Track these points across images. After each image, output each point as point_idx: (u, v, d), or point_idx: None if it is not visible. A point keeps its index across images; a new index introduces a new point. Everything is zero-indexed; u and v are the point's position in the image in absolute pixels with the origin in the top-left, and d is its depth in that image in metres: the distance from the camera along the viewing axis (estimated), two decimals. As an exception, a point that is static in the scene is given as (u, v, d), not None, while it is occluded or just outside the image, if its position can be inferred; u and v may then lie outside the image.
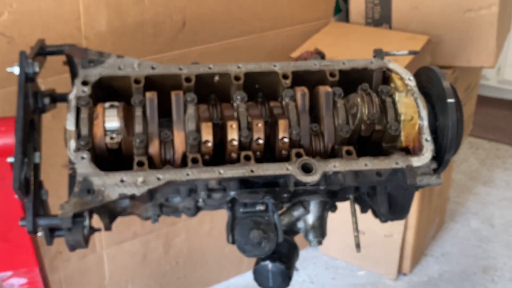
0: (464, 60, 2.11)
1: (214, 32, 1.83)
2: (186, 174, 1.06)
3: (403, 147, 1.18)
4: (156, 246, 2.08)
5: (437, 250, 2.56)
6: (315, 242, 1.21)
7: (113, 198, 1.02)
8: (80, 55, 1.17)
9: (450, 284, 2.37)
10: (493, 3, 1.99)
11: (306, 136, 1.15)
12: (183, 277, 2.23)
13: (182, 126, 1.11)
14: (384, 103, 1.18)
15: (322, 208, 1.21)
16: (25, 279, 1.25)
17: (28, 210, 1.03)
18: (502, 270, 2.44)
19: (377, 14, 2.16)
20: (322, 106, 1.17)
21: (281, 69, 1.22)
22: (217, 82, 1.21)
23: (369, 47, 1.31)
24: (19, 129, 1.04)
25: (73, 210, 1.00)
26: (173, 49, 1.76)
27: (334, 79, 1.22)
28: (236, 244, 1.10)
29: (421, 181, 1.12)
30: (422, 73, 1.24)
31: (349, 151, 1.14)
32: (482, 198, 2.90)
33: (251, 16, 1.91)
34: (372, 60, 1.25)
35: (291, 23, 2.03)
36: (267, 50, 1.99)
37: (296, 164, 1.09)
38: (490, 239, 2.62)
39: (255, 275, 1.19)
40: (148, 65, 1.18)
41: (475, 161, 3.21)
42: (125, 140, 1.10)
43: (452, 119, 1.13)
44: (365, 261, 2.43)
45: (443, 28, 2.07)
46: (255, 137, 1.12)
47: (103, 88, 1.17)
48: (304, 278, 2.41)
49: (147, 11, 1.65)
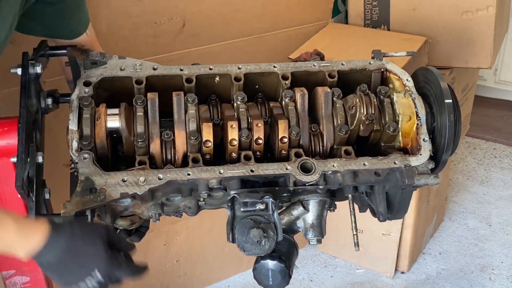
0: (461, 61, 2.13)
1: (213, 33, 1.84)
2: (187, 173, 1.07)
3: (401, 147, 1.19)
4: (156, 244, 2.09)
5: (435, 249, 2.57)
6: (314, 241, 1.22)
7: (115, 198, 1.03)
8: (82, 56, 1.18)
9: (448, 282, 2.38)
10: (490, 4, 2.00)
11: (306, 136, 1.16)
12: (183, 275, 2.24)
13: (183, 126, 1.12)
14: (383, 103, 1.19)
15: (321, 207, 1.22)
16: (28, 277, 1.26)
17: (31, 209, 1.04)
18: (499, 268, 2.46)
19: (376, 16, 2.18)
20: (321, 107, 1.18)
21: (280, 69, 1.23)
22: (217, 82, 1.22)
23: (366, 48, 1.33)
24: (22, 129, 1.06)
25: (75, 209, 1.00)
26: (173, 50, 1.77)
27: (333, 80, 1.24)
28: (236, 242, 1.11)
29: (419, 180, 1.13)
30: (420, 74, 1.26)
31: (348, 151, 1.15)
32: (479, 197, 2.92)
33: (250, 18, 1.92)
34: (370, 61, 1.27)
35: (290, 24, 2.04)
36: (266, 51, 2.00)
37: (296, 164, 1.10)
38: (487, 237, 2.64)
39: (255, 274, 1.19)
40: (149, 66, 1.19)
41: (472, 161, 3.22)
42: (127, 140, 1.11)
43: (450, 120, 1.14)
44: (363, 259, 2.44)
45: (440, 29, 2.09)
46: (255, 137, 1.13)
47: (105, 88, 1.18)
48: (303, 276, 2.43)
49: (147, 12, 1.66)
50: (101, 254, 0.97)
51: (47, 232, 0.93)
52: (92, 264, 0.96)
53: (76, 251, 0.95)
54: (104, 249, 0.97)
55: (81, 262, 0.96)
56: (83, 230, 0.98)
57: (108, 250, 0.98)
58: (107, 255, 0.97)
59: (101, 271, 0.97)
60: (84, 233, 0.97)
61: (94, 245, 0.97)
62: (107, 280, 0.98)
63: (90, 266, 0.96)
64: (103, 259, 0.97)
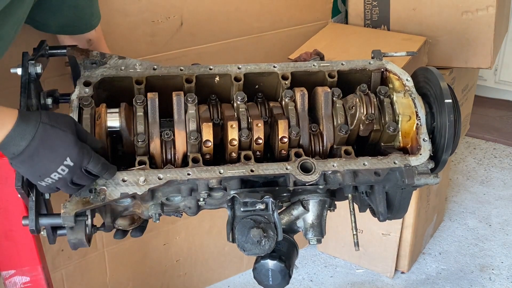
0: (461, 61, 2.13)
1: (211, 32, 1.84)
2: (187, 173, 1.07)
3: (401, 147, 1.19)
4: (156, 244, 2.09)
5: (435, 249, 2.58)
6: (314, 241, 1.22)
7: (115, 198, 1.03)
8: (82, 56, 1.19)
9: (448, 282, 2.38)
10: (490, 4, 2.00)
11: (306, 136, 1.16)
12: (183, 275, 2.24)
13: (183, 126, 1.12)
14: (382, 103, 1.19)
15: (321, 207, 1.22)
16: (28, 277, 1.26)
17: (31, 209, 1.04)
18: (499, 268, 2.46)
19: (376, 16, 2.18)
20: (321, 107, 1.18)
21: (280, 70, 1.23)
22: (217, 82, 1.22)
23: (366, 48, 1.33)
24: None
25: (75, 209, 1.01)
26: (171, 49, 1.76)
27: (333, 80, 1.24)
28: (237, 242, 1.11)
29: (419, 180, 1.13)
30: (420, 73, 1.26)
31: (348, 151, 1.16)
32: (479, 197, 2.92)
33: (249, 17, 1.91)
34: (370, 61, 1.27)
35: (289, 24, 2.03)
36: (265, 51, 1.99)
37: (296, 164, 1.10)
38: (487, 237, 2.64)
39: (255, 273, 1.20)
40: (149, 66, 1.19)
41: (472, 161, 3.22)
42: (127, 140, 1.12)
43: (450, 120, 1.14)
44: (363, 259, 2.45)
45: (440, 29, 2.09)
46: (255, 137, 1.13)
47: (105, 88, 1.18)
48: (303, 276, 2.43)
49: (144, 11, 1.66)
50: (72, 140, 0.95)
51: (16, 120, 0.92)
52: (64, 150, 0.94)
53: (47, 137, 0.94)
54: (74, 137, 0.96)
55: (53, 148, 0.94)
56: (52, 118, 0.96)
57: (77, 140, 0.96)
58: (78, 143, 0.96)
59: (72, 158, 0.95)
60: (53, 120, 0.96)
61: (64, 132, 0.95)
62: (78, 169, 0.96)
63: (62, 153, 0.94)
64: (75, 146, 0.95)
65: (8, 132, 0.91)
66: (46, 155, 0.94)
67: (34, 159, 0.94)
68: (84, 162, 0.97)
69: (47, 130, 0.94)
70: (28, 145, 0.93)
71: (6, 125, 0.92)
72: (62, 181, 0.97)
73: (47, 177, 0.96)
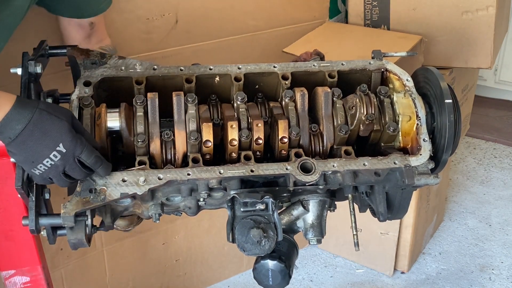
0: (461, 61, 2.13)
1: (207, 30, 1.83)
2: (187, 173, 1.07)
3: (401, 147, 1.19)
4: (155, 243, 2.09)
5: (435, 249, 2.58)
6: (314, 241, 1.22)
7: (115, 198, 1.03)
8: (82, 56, 1.18)
9: (448, 282, 2.38)
10: (490, 4, 2.00)
11: (306, 136, 1.16)
12: (183, 275, 2.24)
13: (183, 126, 1.12)
14: (383, 103, 1.19)
15: (321, 207, 1.22)
16: (28, 277, 1.26)
17: (31, 209, 1.04)
18: (499, 268, 2.46)
19: (376, 16, 2.18)
20: (321, 107, 1.18)
21: (280, 70, 1.23)
22: (217, 82, 1.22)
23: (361, 47, 1.33)
24: (22, 128, 1.05)
25: (75, 209, 1.01)
26: (166, 47, 1.75)
27: (333, 80, 1.24)
28: (236, 242, 1.11)
29: (419, 180, 1.13)
30: (420, 74, 1.26)
31: (348, 151, 1.16)
32: (479, 197, 2.92)
33: (244, 15, 1.90)
34: (370, 61, 1.27)
35: (285, 23, 2.02)
36: (260, 49, 1.98)
37: (296, 164, 1.10)
38: (487, 237, 2.64)
39: (255, 274, 1.20)
40: (149, 66, 1.19)
41: (472, 161, 3.23)
42: (127, 140, 1.12)
43: (450, 120, 1.14)
44: (362, 258, 2.45)
45: (440, 29, 2.09)
46: (255, 137, 1.13)
47: (105, 88, 1.18)
48: (303, 276, 2.43)
49: (138, 7, 1.65)
50: (66, 127, 0.97)
51: (13, 104, 0.94)
52: (58, 135, 0.96)
53: (42, 122, 0.95)
54: (68, 125, 0.98)
55: (47, 132, 0.95)
56: (49, 106, 0.98)
57: (72, 129, 0.98)
58: (72, 131, 0.98)
59: (65, 144, 0.96)
60: (50, 108, 0.98)
61: (60, 119, 0.97)
62: (71, 157, 0.97)
63: (55, 137, 0.96)
64: (69, 132, 0.97)
65: (5, 114, 0.93)
66: (40, 139, 0.95)
67: (28, 144, 0.95)
68: (77, 150, 0.98)
69: (43, 115, 0.96)
70: (24, 128, 0.94)
71: (4, 107, 0.93)
72: (54, 169, 0.98)
73: (40, 163, 0.97)
